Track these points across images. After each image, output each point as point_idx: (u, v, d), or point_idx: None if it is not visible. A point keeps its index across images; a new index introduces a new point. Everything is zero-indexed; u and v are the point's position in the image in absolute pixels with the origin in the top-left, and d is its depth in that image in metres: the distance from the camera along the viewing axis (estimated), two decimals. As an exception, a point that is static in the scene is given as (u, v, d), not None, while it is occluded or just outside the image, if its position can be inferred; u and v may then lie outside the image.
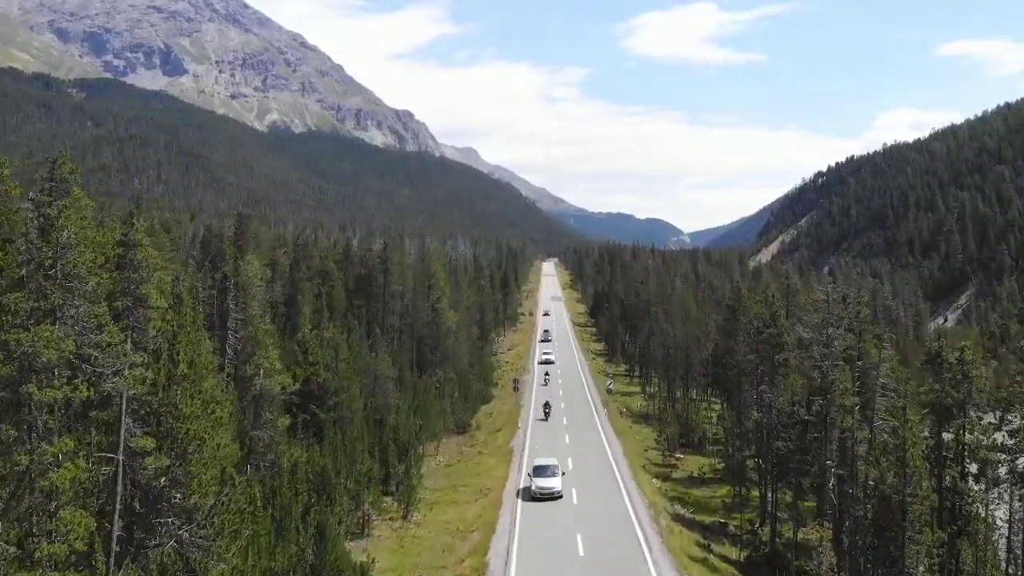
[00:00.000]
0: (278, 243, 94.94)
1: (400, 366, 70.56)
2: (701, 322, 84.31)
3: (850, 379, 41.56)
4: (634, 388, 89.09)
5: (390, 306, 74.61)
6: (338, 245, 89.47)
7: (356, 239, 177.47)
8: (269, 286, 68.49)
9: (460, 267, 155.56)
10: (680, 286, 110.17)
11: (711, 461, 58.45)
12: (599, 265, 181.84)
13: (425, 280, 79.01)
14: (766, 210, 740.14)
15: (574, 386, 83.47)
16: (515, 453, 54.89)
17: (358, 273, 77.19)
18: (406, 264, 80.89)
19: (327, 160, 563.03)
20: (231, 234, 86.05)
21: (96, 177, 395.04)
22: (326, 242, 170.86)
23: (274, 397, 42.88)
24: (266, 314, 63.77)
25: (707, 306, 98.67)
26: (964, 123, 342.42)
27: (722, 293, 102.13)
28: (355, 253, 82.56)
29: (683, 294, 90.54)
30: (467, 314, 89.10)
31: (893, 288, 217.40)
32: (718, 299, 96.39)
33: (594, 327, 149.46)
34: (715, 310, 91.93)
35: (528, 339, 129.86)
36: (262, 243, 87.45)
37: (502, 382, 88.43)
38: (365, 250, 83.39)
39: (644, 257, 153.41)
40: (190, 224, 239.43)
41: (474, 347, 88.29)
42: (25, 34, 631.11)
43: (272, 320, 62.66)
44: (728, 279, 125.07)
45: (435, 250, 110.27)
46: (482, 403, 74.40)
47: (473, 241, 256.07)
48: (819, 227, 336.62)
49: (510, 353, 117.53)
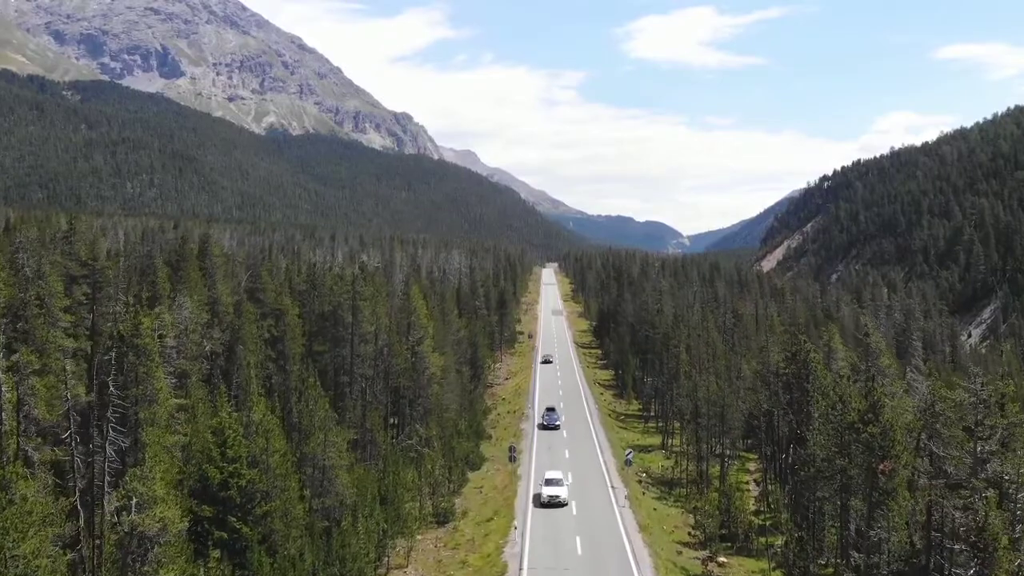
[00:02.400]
0: (228, 270, 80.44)
1: (371, 428, 56.40)
2: (733, 364, 70.04)
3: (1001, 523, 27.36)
4: (651, 439, 74.76)
5: (360, 351, 60.43)
6: (302, 271, 75.16)
7: (342, 253, 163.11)
8: (205, 332, 54.27)
9: (452, 285, 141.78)
10: (699, 312, 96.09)
11: (767, 568, 44.05)
12: (604, 280, 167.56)
13: (405, 316, 64.76)
14: (767, 213, 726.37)
15: (581, 437, 69.31)
16: (510, 566, 40.70)
17: (322, 311, 62.91)
18: (381, 297, 66.59)
19: (324, 163, 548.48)
20: (175, 258, 71.75)
21: (87, 181, 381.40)
22: (310, 255, 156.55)
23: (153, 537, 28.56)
24: (194, 376, 49.67)
25: (733, 338, 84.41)
26: (974, 126, 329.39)
27: (750, 324, 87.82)
28: (323, 281, 68.51)
29: (709, 331, 76.44)
30: (456, 351, 74.94)
31: (911, 299, 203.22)
32: (747, 334, 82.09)
33: (598, 348, 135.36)
34: (746, 348, 77.60)
35: (527, 364, 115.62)
36: (213, 265, 73.16)
37: (497, 428, 74.31)
38: (336, 277, 69.17)
39: (652, 270, 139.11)
40: (173, 231, 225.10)
41: (464, 391, 74.09)
42: (21, 36, 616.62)
43: (199, 384, 48.43)
44: (749, 298, 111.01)
45: (417, 278, 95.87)
46: (471, 469, 60.18)
47: (469, 250, 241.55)
48: (826, 233, 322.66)
49: (507, 384, 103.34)
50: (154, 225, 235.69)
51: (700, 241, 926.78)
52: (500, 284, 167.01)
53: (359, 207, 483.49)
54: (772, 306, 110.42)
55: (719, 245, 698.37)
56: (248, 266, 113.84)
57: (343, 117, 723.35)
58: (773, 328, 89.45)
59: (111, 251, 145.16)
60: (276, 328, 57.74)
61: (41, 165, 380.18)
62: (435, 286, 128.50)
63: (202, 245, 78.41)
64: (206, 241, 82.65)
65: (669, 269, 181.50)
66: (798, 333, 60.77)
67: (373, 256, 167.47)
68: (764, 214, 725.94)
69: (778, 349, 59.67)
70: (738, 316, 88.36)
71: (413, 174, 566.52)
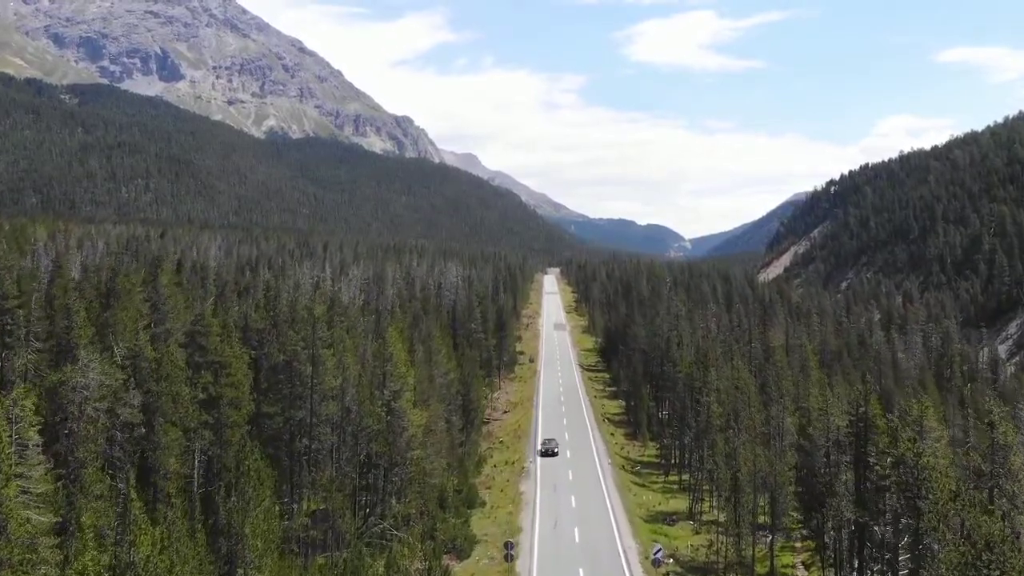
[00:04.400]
0: (187, 297, 68.07)
1: (333, 511, 44.20)
2: (774, 416, 57.67)
3: None
4: (675, 502, 62.26)
5: (322, 411, 48.29)
6: (262, 304, 62.72)
7: (330, 267, 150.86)
8: (117, 399, 41.99)
9: (448, 301, 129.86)
10: (720, 341, 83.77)
11: None
12: (610, 295, 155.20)
13: (380, 364, 52.47)
14: (769, 216, 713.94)
15: (593, 508, 57.11)
16: None
17: (275, 363, 50.65)
18: (351, 341, 54.29)
19: (324, 167, 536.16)
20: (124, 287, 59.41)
21: (82, 185, 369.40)
22: (296, 271, 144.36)
23: None
24: (91, 467, 37.38)
25: (765, 376, 72.07)
26: (985, 130, 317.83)
27: (781, 358, 75.44)
28: (285, 319, 56.36)
29: (739, 372, 64.16)
30: (445, 398, 62.61)
31: (928, 312, 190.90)
32: (780, 372, 69.72)
33: (605, 370, 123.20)
34: (779, 390, 65.23)
35: (528, 394, 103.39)
36: (162, 297, 61.00)
37: (493, 490, 62.08)
38: (303, 309, 56.83)
39: (662, 285, 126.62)
40: (160, 240, 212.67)
41: (453, 446, 61.76)
42: (20, 39, 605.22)
43: (96, 477, 36.28)
44: (774, 322, 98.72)
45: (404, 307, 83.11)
46: (460, 558, 47.92)
47: (468, 259, 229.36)
48: (835, 239, 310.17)
49: (506, 420, 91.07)
50: (140, 233, 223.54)
51: (702, 244, 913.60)
52: (499, 299, 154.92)
53: (358, 211, 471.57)
54: (800, 331, 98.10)
55: (721, 248, 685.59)
56: (217, 286, 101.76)
57: (343, 120, 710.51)
58: (808, 367, 77.28)
59: (87, 265, 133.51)
60: (215, 386, 45.54)
61: (35, 169, 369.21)
62: (428, 305, 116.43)
63: (121, 284, 66.25)
64: (164, 260, 70.60)
65: (680, 282, 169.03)
66: (863, 384, 48.53)
67: (366, 268, 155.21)
68: (767, 217, 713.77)
69: (839, 412, 47.32)
70: (768, 348, 76.31)
71: (413, 178, 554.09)
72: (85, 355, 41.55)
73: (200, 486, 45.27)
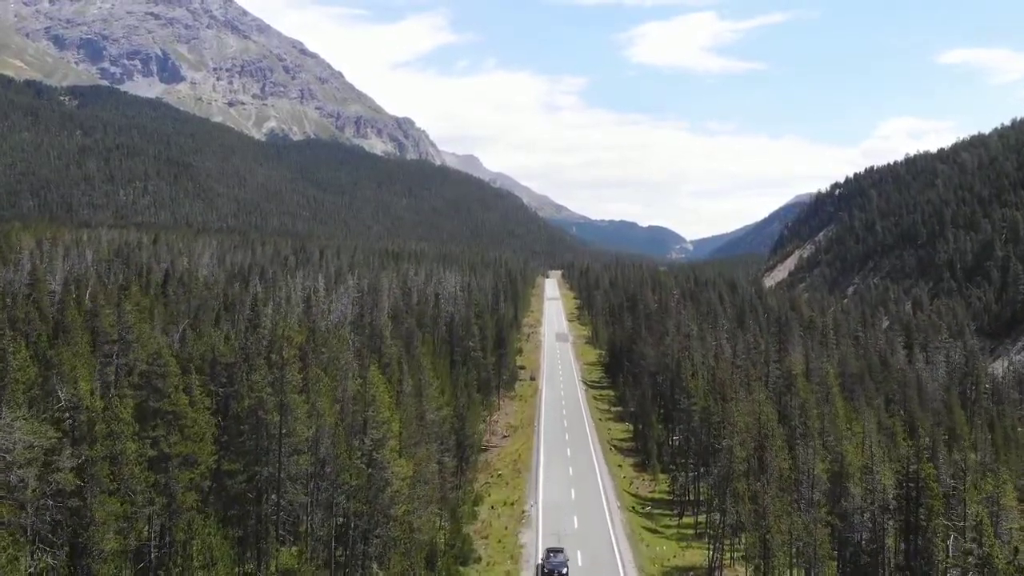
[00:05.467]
0: (150, 328, 61.51)
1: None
2: (803, 460, 51.14)
3: None
4: (692, 553, 55.63)
5: (291, 467, 41.93)
6: (231, 335, 56.00)
7: (324, 278, 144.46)
8: (49, 461, 35.57)
9: (445, 312, 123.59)
10: (738, 366, 77.24)
11: None
12: (614, 308, 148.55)
13: (361, 408, 45.98)
14: (771, 218, 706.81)
15: (599, 555, 50.79)
16: None
17: (240, 410, 44.19)
18: (324, 386, 47.85)
19: (324, 169, 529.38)
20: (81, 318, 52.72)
21: (79, 188, 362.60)
22: (287, 284, 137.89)
23: None
24: (10, 548, 30.92)
25: (787, 407, 65.65)
26: (992, 132, 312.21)
27: (804, 389, 68.92)
28: (257, 351, 49.90)
29: (763, 410, 57.45)
30: (437, 436, 56.12)
31: (940, 319, 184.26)
32: (805, 407, 63.20)
33: (610, 387, 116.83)
34: (805, 426, 58.84)
35: (529, 415, 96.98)
36: (126, 325, 54.58)
37: (490, 540, 55.73)
38: (281, 338, 50.14)
39: (670, 297, 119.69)
40: (152, 246, 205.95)
41: (445, 490, 55.30)
42: (20, 41, 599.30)
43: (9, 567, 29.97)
44: (793, 342, 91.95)
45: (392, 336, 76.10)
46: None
47: (468, 265, 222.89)
48: (840, 243, 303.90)
49: (506, 447, 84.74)
50: (133, 240, 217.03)
51: (703, 246, 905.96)
52: (499, 310, 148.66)
53: (358, 214, 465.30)
54: (817, 349, 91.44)
55: (724, 250, 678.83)
56: (187, 315, 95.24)
57: (344, 122, 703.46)
58: (832, 395, 70.80)
59: (69, 277, 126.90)
60: (166, 441, 39.14)
61: (33, 172, 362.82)
62: (424, 319, 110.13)
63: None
64: (150, 271, 64.28)
65: (685, 290, 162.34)
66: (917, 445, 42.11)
67: (362, 277, 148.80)
68: (769, 219, 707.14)
69: (890, 474, 40.84)
70: (789, 377, 69.79)
71: (414, 180, 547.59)
72: (8, 412, 35.19)
73: (156, 559, 38.99)
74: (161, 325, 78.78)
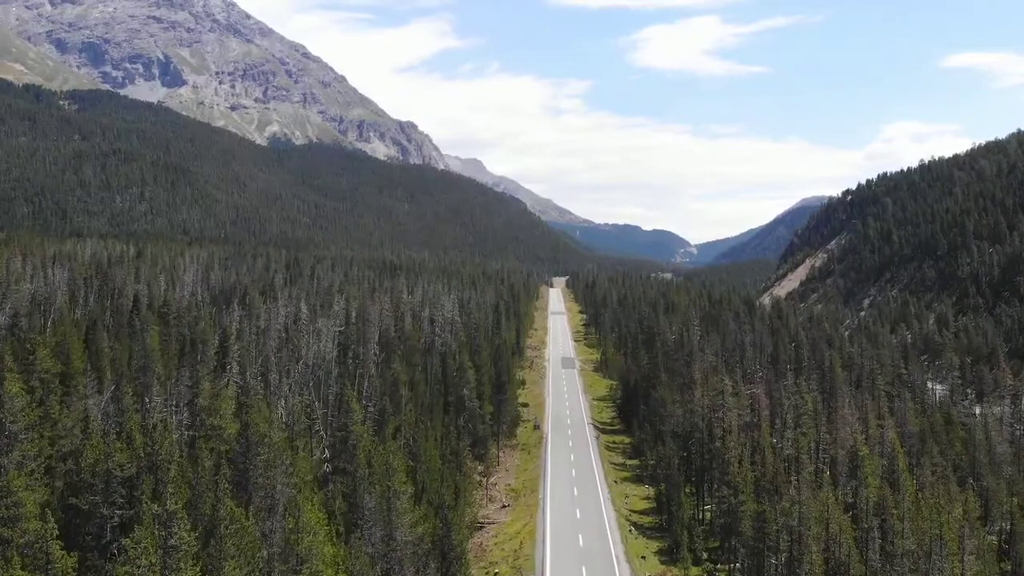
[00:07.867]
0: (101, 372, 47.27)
1: None
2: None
3: None
4: None
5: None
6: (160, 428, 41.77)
7: (313, 298, 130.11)
8: None
9: (440, 342, 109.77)
10: (782, 429, 63.47)
11: None
12: (626, 338, 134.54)
13: (295, 538, 31.89)
14: (776, 222, 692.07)
15: None
16: None
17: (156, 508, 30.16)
18: (245, 526, 33.63)
19: (326, 174, 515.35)
20: None
21: (75, 195, 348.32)
22: (267, 312, 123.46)
23: None
24: None
25: (834, 474, 51.44)
26: (1010, 138, 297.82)
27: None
28: (169, 458, 35.86)
29: (837, 519, 43.77)
30: (413, 558, 42.16)
31: (969, 339, 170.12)
32: (857, 473, 49.04)
33: (625, 433, 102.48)
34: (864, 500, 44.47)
35: (533, 475, 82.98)
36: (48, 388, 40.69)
37: None
38: (211, 431, 35.79)
39: (693, 335, 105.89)
40: (135, 261, 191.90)
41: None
42: (21, 44, 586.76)
43: None
44: (833, 385, 77.73)
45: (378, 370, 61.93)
46: None
47: (469, 279, 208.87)
48: (854, 253, 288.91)
49: (505, 524, 70.56)
50: (118, 250, 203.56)
51: (708, 250, 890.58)
52: (500, 333, 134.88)
53: (360, 220, 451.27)
54: (870, 404, 77.04)
55: (729, 255, 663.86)
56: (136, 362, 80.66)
57: (347, 126, 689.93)
58: (898, 472, 56.62)
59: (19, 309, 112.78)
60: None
61: (28, 178, 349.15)
62: (413, 358, 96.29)
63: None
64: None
65: (698, 308, 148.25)
66: None
67: (352, 300, 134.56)
68: (774, 223, 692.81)
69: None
70: (852, 452, 55.87)
71: (416, 184, 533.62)
72: None
73: None
74: (95, 383, 64.73)
